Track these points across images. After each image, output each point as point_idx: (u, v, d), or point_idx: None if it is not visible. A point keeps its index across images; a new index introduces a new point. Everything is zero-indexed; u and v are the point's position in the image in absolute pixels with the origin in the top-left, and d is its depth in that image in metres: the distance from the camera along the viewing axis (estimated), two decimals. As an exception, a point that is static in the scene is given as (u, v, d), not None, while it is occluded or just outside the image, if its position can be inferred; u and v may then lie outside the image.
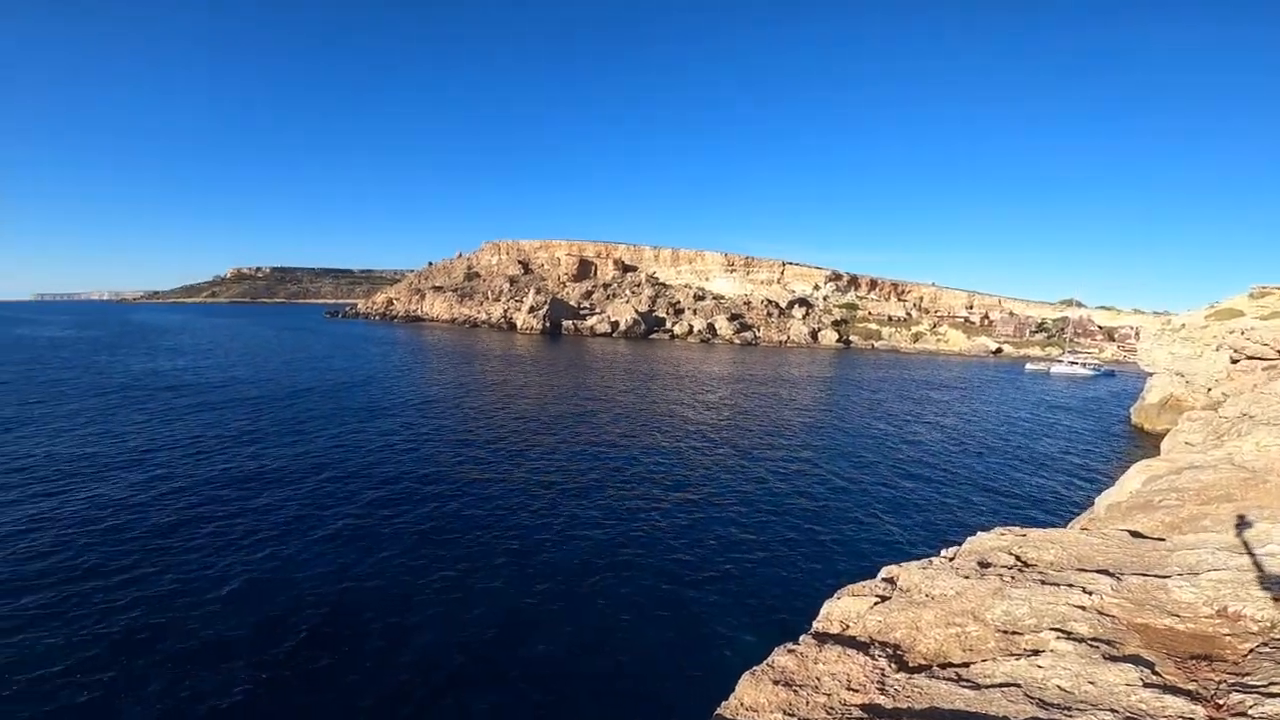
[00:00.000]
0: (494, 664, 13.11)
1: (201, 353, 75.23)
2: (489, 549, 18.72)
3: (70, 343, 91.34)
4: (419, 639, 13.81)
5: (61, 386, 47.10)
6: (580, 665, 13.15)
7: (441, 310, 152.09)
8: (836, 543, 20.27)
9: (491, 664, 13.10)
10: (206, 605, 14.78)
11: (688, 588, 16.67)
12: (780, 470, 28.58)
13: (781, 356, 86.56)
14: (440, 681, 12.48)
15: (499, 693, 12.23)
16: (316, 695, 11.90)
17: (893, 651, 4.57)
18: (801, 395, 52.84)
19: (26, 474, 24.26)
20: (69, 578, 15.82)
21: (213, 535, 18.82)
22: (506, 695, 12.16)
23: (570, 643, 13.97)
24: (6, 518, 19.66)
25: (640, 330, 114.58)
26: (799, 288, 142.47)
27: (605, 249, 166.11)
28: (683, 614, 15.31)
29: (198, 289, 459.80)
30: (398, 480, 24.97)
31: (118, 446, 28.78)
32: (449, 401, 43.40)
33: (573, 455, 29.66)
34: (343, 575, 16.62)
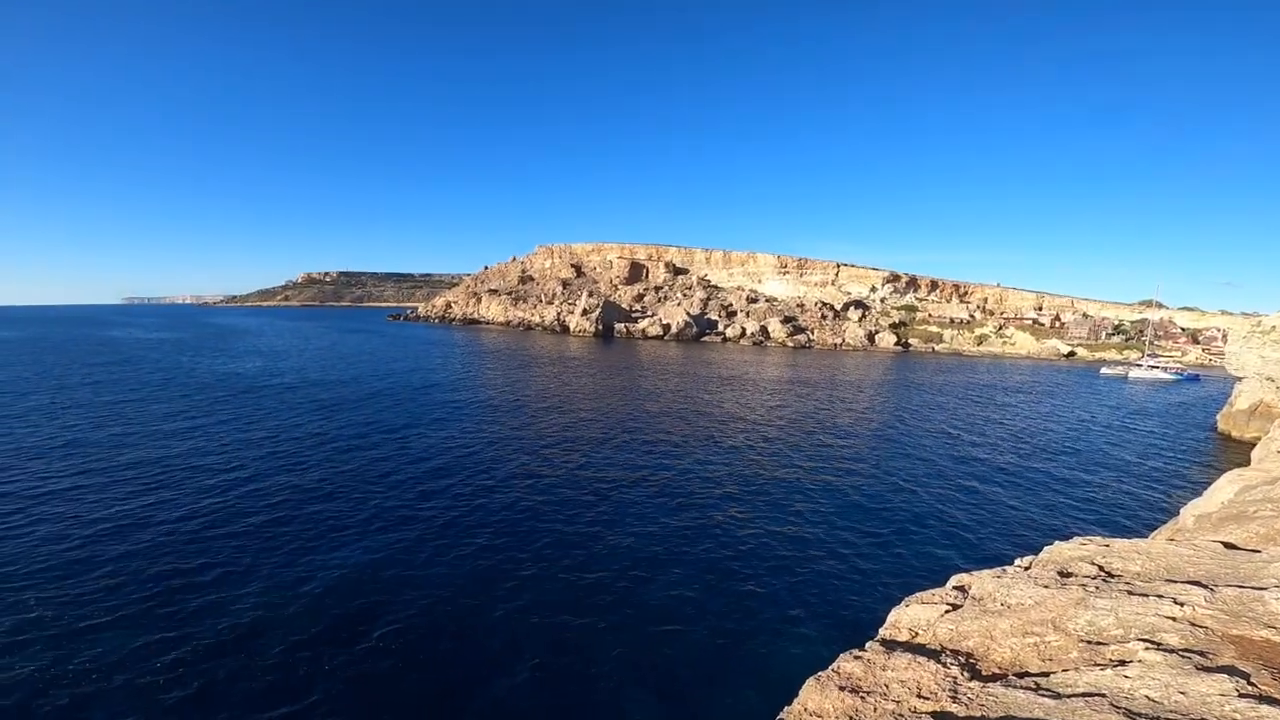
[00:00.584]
0: (548, 661, 13.41)
1: (277, 355, 79.51)
2: (549, 547, 19.14)
3: (157, 345, 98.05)
4: (476, 634, 14.24)
5: (150, 388, 50.70)
6: (634, 666, 13.29)
7: (497, 313, 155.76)
8: (900, 549, 19.79)
9: (546, 661, 13.40)
10: (293, 599, 15.66)
11: (743, 591, 16.61)
12: (839, 473, 28.07)
13: (837, 360, 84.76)
14: (497, 677, 12.85)
15: (552, 691, 12.49)
16: (388, 682, 12.47)
17: (965, 660, 4.52)
18: (860, 398, 51.64)
19: (120, 473, 26.29)
20: (165, 574, 17.09)
21: (295, 533, 19.94)
22: (559, 693, 12.42)
23: (625, 643, 14.13)
24: (103, 514, 21.37)
25: (692, 333, 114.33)
26: (855, 289, 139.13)
27: (656, 251, 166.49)
28: (738, 617, 15.27)
29: (272, 293, 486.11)
30: (460, 479, 25.82)
31: (201, 447, 30.78)
32: (507, 405, 44.49)
33: (627, 457, 29.93)
34: (410, 567, 17.33)
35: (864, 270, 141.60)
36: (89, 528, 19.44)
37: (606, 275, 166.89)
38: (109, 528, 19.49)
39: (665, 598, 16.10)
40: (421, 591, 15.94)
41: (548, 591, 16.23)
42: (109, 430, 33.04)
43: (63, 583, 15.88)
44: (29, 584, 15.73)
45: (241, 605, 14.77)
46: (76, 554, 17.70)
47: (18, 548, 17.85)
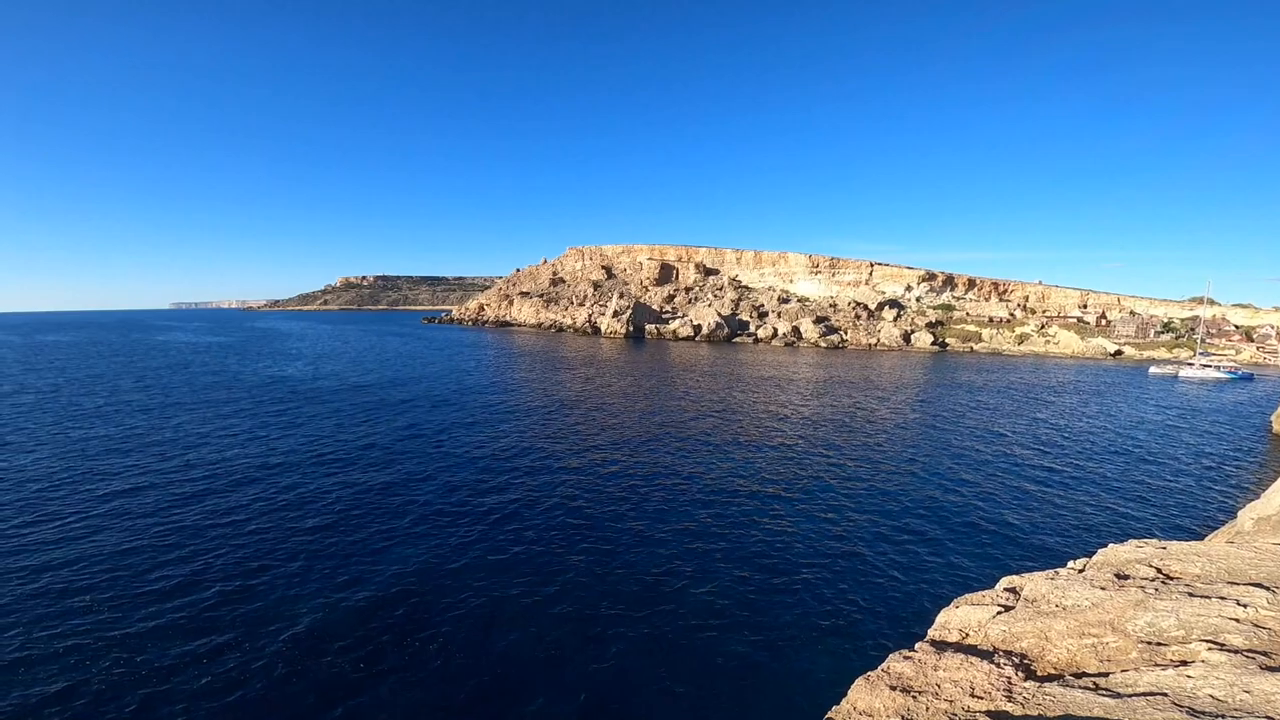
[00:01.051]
0: (589, 660, 13.62)
1: (320, 358, 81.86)
2: (591, 547, 19.41)
3: (205, 348, 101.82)
4: (506, 633, 14.50)
5: (199, 391, 52.71)
6: (676, 666, 13.40)
7: (529, 315, 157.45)
8: (944, 550, 19.52)
9: (587, 660, 13.62)
10: (345, 600, 16.21)
11: (784, 590, 16.59)
12: (878, 474, 27.75)
13: (871, 360, 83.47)
14: (540, 677, 13.10)
15: (593, 690, 12.67)
16: (414, 674, 12.86)
17: (1019, 660, 4.56)
18: (897, 398, 50.82)
19: (175, 474, 27.47)
20: (227, 574, 17.85)
21: (345, 535, 20.61)
22: (599, 692, 12.60)
23: (667, 643, 14.25)
24: (159, 516, 22.40)
25: (723, 334, 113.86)
26: (889, 289, 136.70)
27: (686, 252, 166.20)
28: (780, 616, 15.27)
29: (312, 297, 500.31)
30: (502, 481, 26.29)
31: (251, 449, 31.92)
32: (543, 407, 45.05)
33: (663, 458, 30.06)
34: (454, 569, 17.78)
35: (898, 269, 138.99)
36: (146, 529, 20.42)
37: (637, 277, 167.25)
38: (165, 530, 20.43)
39: (706, 597, 16.19)
40: (466, 593, 16.33)
41: (589, 591, 16.47)
42: (163, 434, 34.54)
43: (122, 581, 16.72)
44: (90, 583, 16.61)
45: (298, 607, 15.28)
46: (134, 552, 18.61)
47: (78, 549, 18.84)
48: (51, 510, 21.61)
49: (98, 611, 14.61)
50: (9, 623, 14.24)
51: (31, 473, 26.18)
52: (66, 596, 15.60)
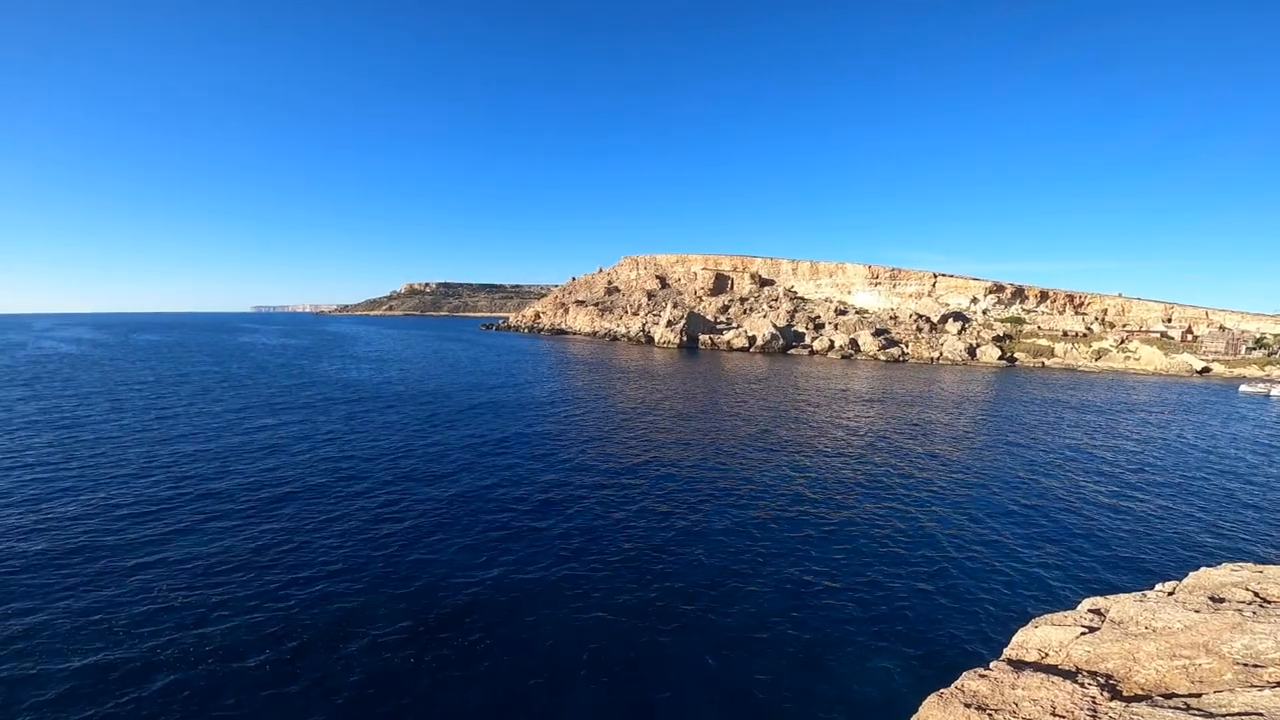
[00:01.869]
0: (631, 669, 13.75)
1: (386, 362, 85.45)
2: (638, 556, 19.59)
3: (280, 350, 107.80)
4: (554, 636, 14.75)
5: (276, 392, 55.81)
6: (725, 679, 13.38)
7: (583, 324, 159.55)
8: (1016, 570, 18.77)
9: (629, 669, 13.75)
10: (398, 598, 16.94)
11: (842, 605, 16.30)
12: (941, 490, 26.88)
13: (934, 374, 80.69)
14: (578, 685, 13.28)
15: (633, 702, 12.76)
16: (467, 667, 13.26)
17: (1104, 681, 4.50)
18: (963, 413, 48.97)
19: (251, 467, 29.20)
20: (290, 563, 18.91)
21: (401, 534, 21.49)
22: (640, 705, 12.67)
23: (710, 655, 14.24)
24: (231, 507, 23.88)
25: (778, 345, 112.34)
26: (953, 301, 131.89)
27: (741, 262, 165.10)
28: (837, 632, 15.02)
29: (378, 303, 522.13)
30: (555, 487, 26.84)
31: (321, 453, 33.63)
32: (597, 416, 45.66)
33: (715, 469, 29.98)
34: (504, 570, 18.30)
35: (963, 280, 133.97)
36: (223, 529, 21.86)
37: (691, 286, 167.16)
38: (235, 522, 21.82)
39: (761, 609, 16.09)
40: (514, 594, 16.78)
41: (634, 600, 16.62)
42: (238, 436, 36.80)
43: (192, 567, 17.94)
44: (159, 566, 17.88)
45: (350, 601, 15.98)
46: (208, 539, 19.94)
47: (163, 548, 20.31)
48: (136, 506, 23.45)
49: (179, 608, 15.66)
50: (100, 616, 15.41)
51: (117, 472, 28.38)
52: (126, 574, 16.90)
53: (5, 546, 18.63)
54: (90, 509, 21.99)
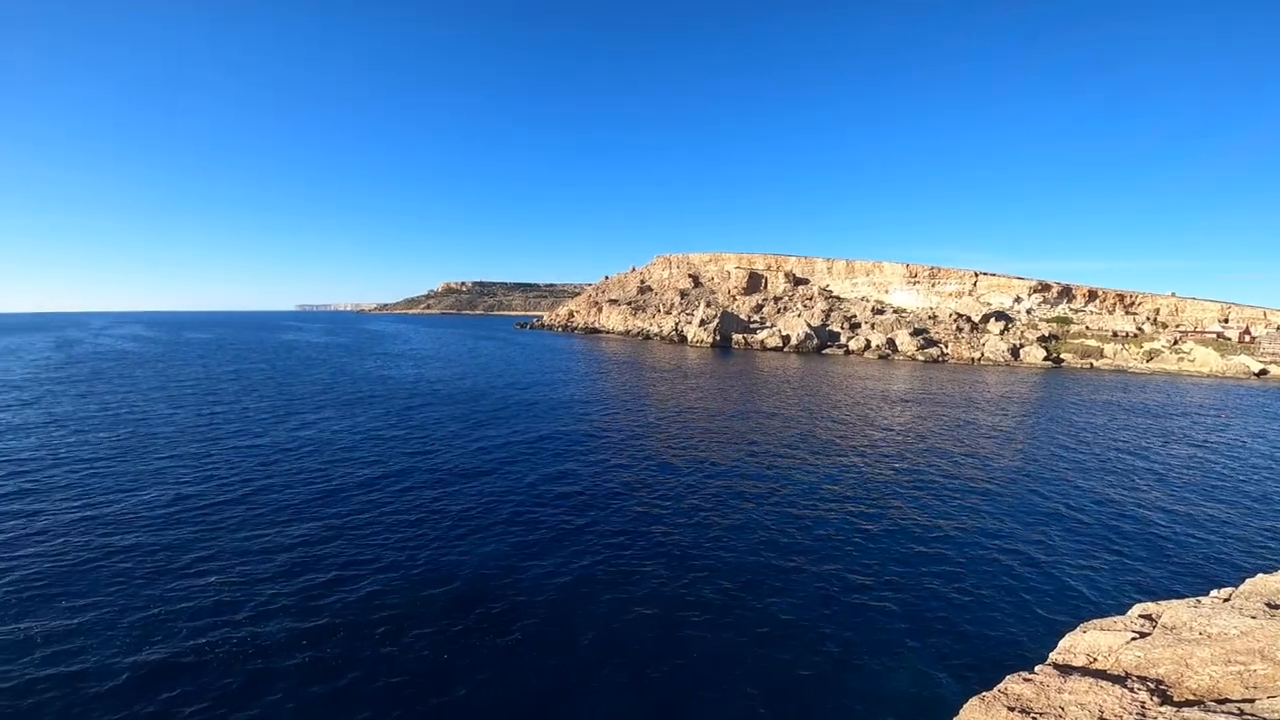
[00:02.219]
0: (658, 661, 13.81)
1: (423, 361, 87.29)
2: (673, 555, 19.66)
3: (323, 348, 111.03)
4: (586, 633, 14.88)
5: (320, 388, 57.53)
6: (755, 679, 13.34)
7: (616, 323, 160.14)
8: (1059, 576, 18.25)
9: (656, 661, 13.81)
10: (435, 596, 17.34)
11: (878, 607, 16.08)
12: (982, 492, 26.23)
13: (975, 375, 78.61)
14: (609, 671, 13.42)
15: (666, 693, 12.83)
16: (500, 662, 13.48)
17: (1155, 686, 4.40)
18: (1006, 414, 47.59)
19: (296, 462, 30.17)
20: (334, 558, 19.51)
21: (440, 531, 21.99)
22: (673, 691, 12.72)
23: (745, 653, 14.20)
24: (277, 505, 24.71)
25: (813, 345, 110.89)
26: (996, 300, 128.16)
27: (775, 261, 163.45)
28: (872, 634, 14.83)
29: (416, 301, 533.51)
30: (589, 485, 27.11)
31: (359, 443, 34.57)
32: (631, 414, 45.87)
33: (749, 469, 29.82)
34: (540, 568, 18.56)
35: (1006, 279, 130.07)
36: (270, 512, 22.67)
37: (724, 285, 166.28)
38: (284, 519, 22.60)
39: (793, 609, 15.99)
40: (553, 592, 17.02)
41: (673, 596, 16.68)
42: (286, 427, 38.07)
43: (243, 562, 18.63)
44: (213, 562, 18.62)
45: (394, 597, 16.37)
46: (257, 535, 20.70)
47: (206, 531, 21.16)
48: (189, 493, 24.50)
49: (231, 604, 16.31)
50: (158, 610, 16.12)
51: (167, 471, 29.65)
52: (181, 569, 17.65)
53: (66, 541, 19.68)
54: (146, 505, 23.09)
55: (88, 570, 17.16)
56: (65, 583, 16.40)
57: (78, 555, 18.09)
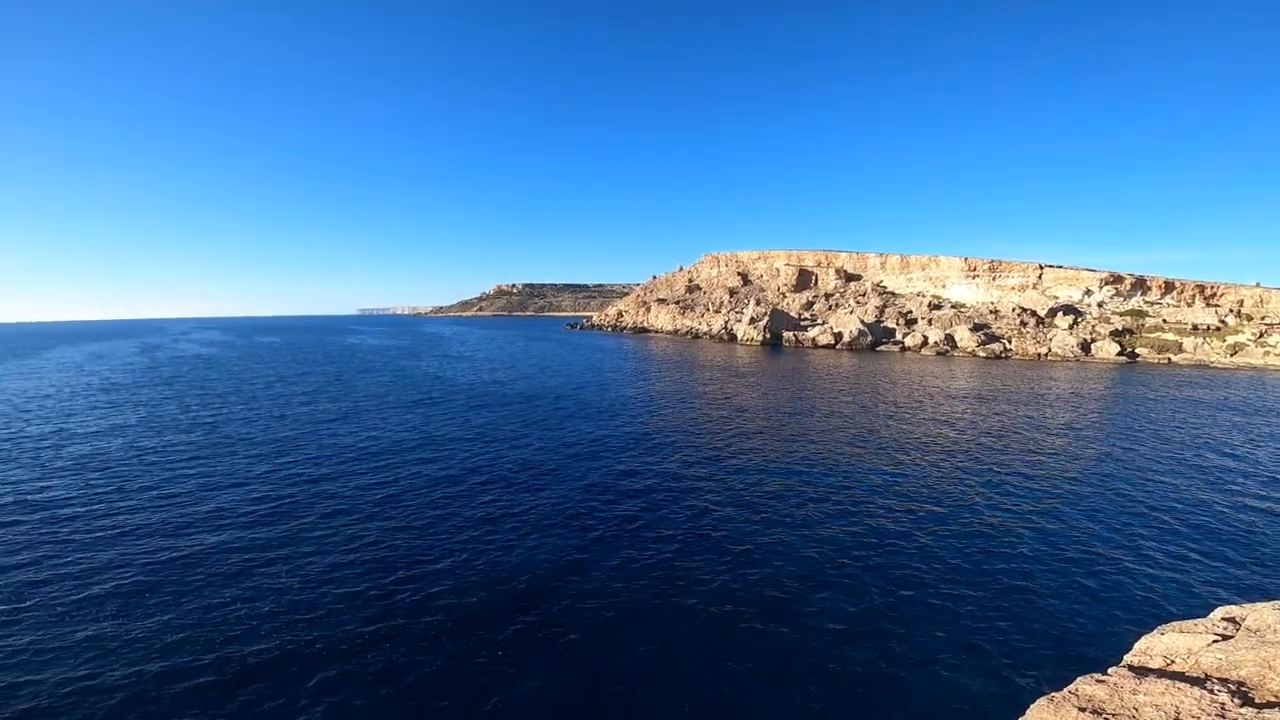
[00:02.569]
0: (704, 663, 13.98)
1: (478, 362, 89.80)
2: (730, 555, 19.82)
3: (384, 350, 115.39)
4: (633, 631, 15.14)
5: (382, 390, 59.95)
6: (808, 680, 13.37)
7: (665, 322, 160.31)
8: (1133, 579, 17.56)
9: (702, 662, 13.99)
10: (492, 597, 18.01)
11: (938, 607, 15.85)
12: (1048, 492, 25.33)
13: (1041, 371, 75.28)
14: (654, 670, 13.67)
15: (712, 695, 12.98)
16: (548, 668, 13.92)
17: (1236, 688, 4.42)
18: (1080, 412, 45.48)
19: (355, 464, 31.65)
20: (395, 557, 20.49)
21: (497, 532, 22.76)
22: (730, 687, 12.88)
23: (798, 652, 14.24)
24: (340, 504, 25.98)
25: (866, 342, 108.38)
26: (1063, 293, 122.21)
27: (826, 257, 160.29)
28: (931, 633, 14.65)
29: (469, 304, 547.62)
30: (645, 486, 27.50)
31: (420, 447, 35.94)
32: (684, 413, 46.10)
33: (799, 466, 29.60)
34: (597, 569, 19.02)
35: (1074, 271, 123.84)
36: (338, 514, 23.92)
37: (773, 283, 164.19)
38: (350, 520, 23.81)
39: (848, 610, 15.94)
40: (609, 595, 17.45)
41: (728, 598, 16.84)
42: (352, 429, 39.95)
43: (311, 564, 19.74)
44: (283, 563, 19.78)
45: (454, 599, 16.91)
46: (327, 537, 21.88)
47: (271, 530, 22.47)
48: (258, 494, 26.07)
49: (290, 590, 17.34)
50: (231, 610, 17.22)
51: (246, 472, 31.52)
52: (261, 568, 18.85)
53: (154, 541, 21.32)
54: (226, 506, 24.76)
55: (174, 569, 18.40)
56: (155, 581, 17.70)
57: (164, 555, 19.43)
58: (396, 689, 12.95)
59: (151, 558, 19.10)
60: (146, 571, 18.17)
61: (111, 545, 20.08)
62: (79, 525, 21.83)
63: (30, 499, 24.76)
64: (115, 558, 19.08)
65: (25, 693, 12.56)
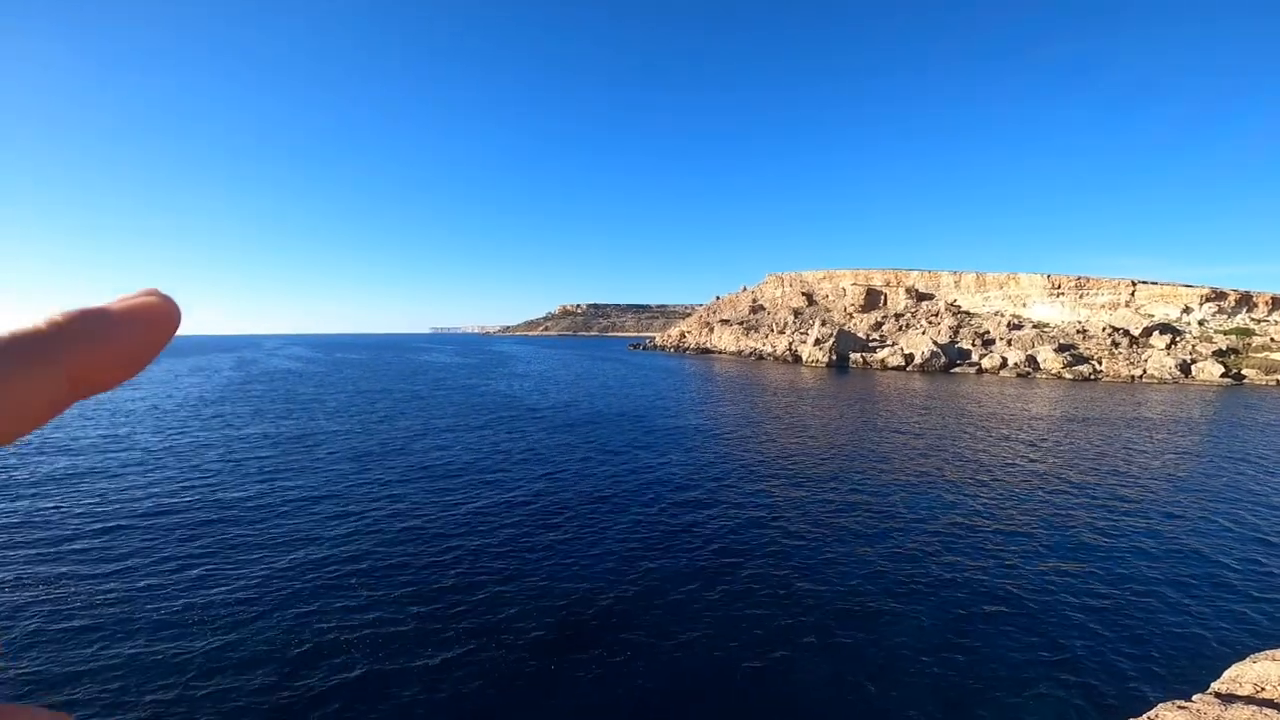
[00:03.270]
0: (761, 681, 14.00)
1: (545, 381, 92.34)
2: (783, 577, 19.80)
3: (455, 368, 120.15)
4: (691, 657, 15.24)
5: (455, 407, 62.51)
6: (871, 701, 13.24)
7: (728, 343, 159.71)
8: (1233, 606, 16.43)
9: (759, 680, 14.02)
10: (553, 609, 18.67)
11: (1016, 631, 15.33)
12: (1150, 516, 23.92)
13: (1136, 394, 70.42)
14: (720, 688, 13.79)
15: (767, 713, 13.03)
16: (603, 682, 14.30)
17: (1327, 713, 4.48)
18: (1179, 437, 42.39)
19: (433, 480, 33.21)
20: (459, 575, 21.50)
21: (556, 544, 23.50)
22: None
23: (866, 667, 14.10)
24: (416, 514, 27.33)
25: (940, 363, 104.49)
26: (1159, 311, 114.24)
27: (895, 276, 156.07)
28: (1013, 655, 14.21)
29: (535, 323, 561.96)
30: (711, 509, 27.73)
31: (493, 466, 37.35)
32: (752, 436, 46.02)
33: (870, 487, 29.04)
34: (654, 586, 19.39)
35: (1171, 288, 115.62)
36: (407, 519, 25.25)
37: (840, 303, 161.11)
38: (418, 523, 25.07)
39: (914, 627, 15.63)
40: (663, 613, 17.70)
41: (787, 626, 16.83)
42: (425, 445, 41.97)
43: (380, 565, 20.92)
44: (354, 562, 21.04)
45: (516, 609, 17.54)
46: (399, 543, 23.15)
47: (345, 543, 23.89)
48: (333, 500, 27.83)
49: (362, 597, 18.49)
50: (309, 607, 18.55)
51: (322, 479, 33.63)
52: (349, 580, 20.13)
53: (253, 556, 23.07)
54: (316, 520, 26.50)
55: (266, 582, 19.33)
56: (252, 595, 18.76)
57: (258, 568, 20.53)
58: (452, 693, 13.51)
59: (247, 573, 20.13)
60: (245, 587, 19.08)
61: (216, 557, 21.49)
62: (180, 533, 23.71)
63: (129, 508, 27.42)
64: (218, 571, 20.29)
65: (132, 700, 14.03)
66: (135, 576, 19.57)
